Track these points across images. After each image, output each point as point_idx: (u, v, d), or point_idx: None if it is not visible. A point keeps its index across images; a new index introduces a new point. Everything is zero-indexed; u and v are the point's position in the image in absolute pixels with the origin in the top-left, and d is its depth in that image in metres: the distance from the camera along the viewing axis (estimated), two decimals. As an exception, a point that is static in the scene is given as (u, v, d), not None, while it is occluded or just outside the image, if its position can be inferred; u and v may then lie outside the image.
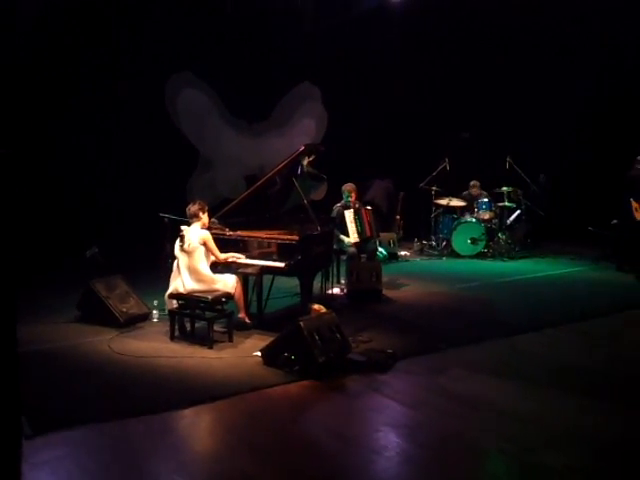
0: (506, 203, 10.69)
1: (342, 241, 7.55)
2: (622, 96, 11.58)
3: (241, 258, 5.91)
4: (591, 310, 6.75)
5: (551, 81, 12.49)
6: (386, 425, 3.95)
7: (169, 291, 5.69)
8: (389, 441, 3.71)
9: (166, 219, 6.65)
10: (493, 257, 10.30)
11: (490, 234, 10.51)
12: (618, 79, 11.75)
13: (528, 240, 10.79)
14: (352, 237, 7.63)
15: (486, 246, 10.40)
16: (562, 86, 12.39)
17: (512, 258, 10.23)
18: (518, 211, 10.79)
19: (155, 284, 6.56)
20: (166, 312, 5.89)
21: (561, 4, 11.55)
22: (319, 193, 11.45)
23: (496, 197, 10.80)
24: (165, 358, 5.13)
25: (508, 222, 10.82)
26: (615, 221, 9.52)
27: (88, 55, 9.42)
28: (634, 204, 9.06)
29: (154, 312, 6.27)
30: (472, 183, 10.98)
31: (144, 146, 9.76)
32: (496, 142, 11.86)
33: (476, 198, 10.76)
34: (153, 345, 5.48)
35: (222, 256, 5.75)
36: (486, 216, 10.49)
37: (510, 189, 10.69)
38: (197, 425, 4.02)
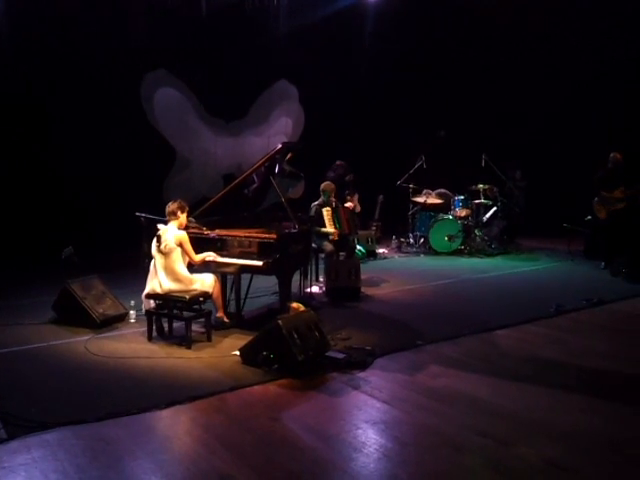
0: (482, 200, 10.81)
1: (322, 236, 7.56)
2: (596, 93, 11.76)
3: (217, 258, 5.89)
4: (566, 305, 6.83)
5: (526, 79, 12.66)
6: (365, 422, 3.97)
7: (146, 291, 5.65)
8: (368, 437, 3.73)
9: (143, 218, 6.59)
10: (470, 254, 10.40)
11: (467, 231, 10.61)
12: (591, 76, 11.92)
13: (504, 237, 10.92)
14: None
15: (463, 243, 10.50)
16: (537, 83, 12.56)
17: (488, 255, 10.34)
18: (494, 208, 10.91)
19: (132, 284, 6.52)
20: (143, 312, 5.84)
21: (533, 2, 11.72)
22: (297, 191, 11.45)
23: (472, 194, 10.91)
24: (143, 359, 5.10)
25: (484, 219, 10.94)
26: (589, 217, 9.68)
27: (63, 53, 9.31)
28: (596, 206, 9.23)
29: (131, 313, 6.23)
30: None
31: (120, 145, 9.68)
32: (472, 140, 11.98)
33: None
34: (130, 346, 5.44)
35: (197, 258, 5.72)
36: (463, 213, 10.59)
37: (486, 186, 10.80)
38: (175, 425, 4.00)
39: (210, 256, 5.84)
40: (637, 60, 11.19)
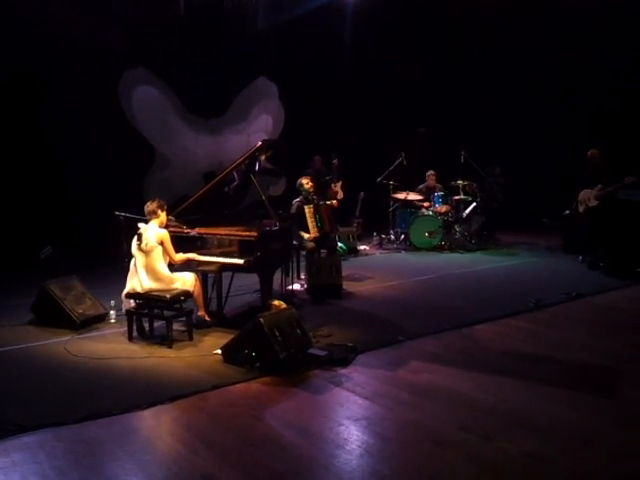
0: (462, 196, 10.89)
1: (302, 237, 7.58)
2: (574, 87, 11.90)
3: (197, 258, 5.86)
4: (545, 299, 6.90)
5: (504, 75, 12.76)
6: (347, 418, 3.98)
7: (126, 290, 5.61)
8: (350, 434, 3.75)
9: (122, 218, 6.55)
10: (450, 249, 10.47)
11: (447, 227, 10.68)
12: (570, 70, 12.05)
13: (483, 232, 11.00)
14: (312, 232, 7.66)
15: (443, 239, 10.56)
16: (515, 80, 12.67)
17: (468, 250, 10.42)
18: (473, 204, 10.99)
19: (112, 284, 6.48)
20: (124, 312, 5.81)
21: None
22: (278, 189, 11.45)
23: (452, 190, 10.99)
24: (123, 359, 5.06)
25: (464, 215, 11.02)
26: (567, 212, 9.80)
27: (41, 52, 9.20)
28: (583, 194, 9.33)
29: (111, 313, 6.18)
30: (429, 173, 11.09)
31: (98, 144, 9.59)
32: (451, 136, 12.06)
33: (432, 189, 10.90)
34: (111, 346, 5.40)
35: (178, 257, 5.69)
36: (442, 209, 10.66)
37: (465, 182, 10.89)
38: (157, 426, 3.98)
39: (189, 256, 5.81)
40: (616, 55, 11.32)
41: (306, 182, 7.93)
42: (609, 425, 3.88)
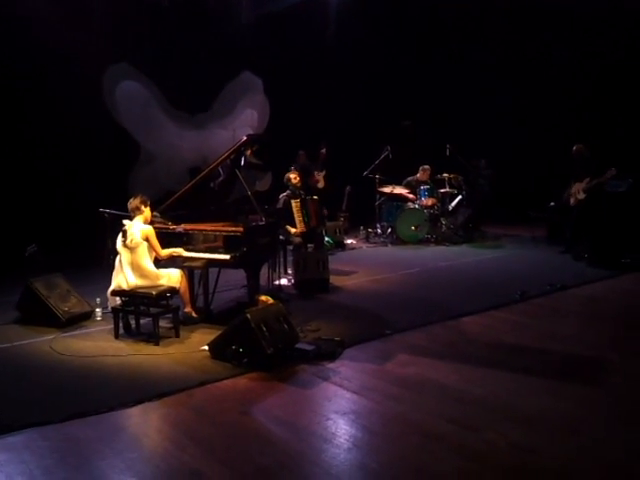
0: (448, 189, 10.93)
1: (289, 232, 7.57)
2: (558, 79, 11.96)
3: (183, 253, 5.83)
4: (530, 291, 6.95)
5: (490, 68, 12.79)
6: (335, 412, 3.99)
7: (112, 288, 5.57)
8: (338, 428, 3.76)
9: (106, 214, 6.49)
10: (436, 242, 10.51)
11: (433, 220, 10.71)
12: (556, 65, 12.11)
13: (469, 225, 11.04)
14: (298, 227, 7.66)
15: (429, 232, 10.60)
16: (500, 73, 12.71)
17: (454, 243, 10.46)
18: (459, 197, 11.03)
19: (97, 281, 6.43)
20: (109, 310, 5.77)
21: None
22: (264, 184, 11.41)
23: (438, 183, 11.02)
24: (110, 357, 5.04)
25: (450, 208, 11.06)
26: (552, 204, 9.86)
27: (24, 47, 9.09)
28: (575, 187, 9.39)
29: (97, 310, 6.14)
30: (425, 167, 10.98)
31: (83, 140, 9.51)
32: (436, 130, 12.09)
33: (423, 183, 10.90)
34: (97, 344, 5.37)
35: (164, 252, 5.66)
36: (429, 202, 10.69)
37: (451, 175, 10.93)
38: (144, 423, 3.97)
39: (176, 252, 5.78)
40: (601, 47, 11.39)
41: (294, 177, 7.92)
42: (595, 415, 3.92)
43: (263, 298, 5.61)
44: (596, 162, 9.25)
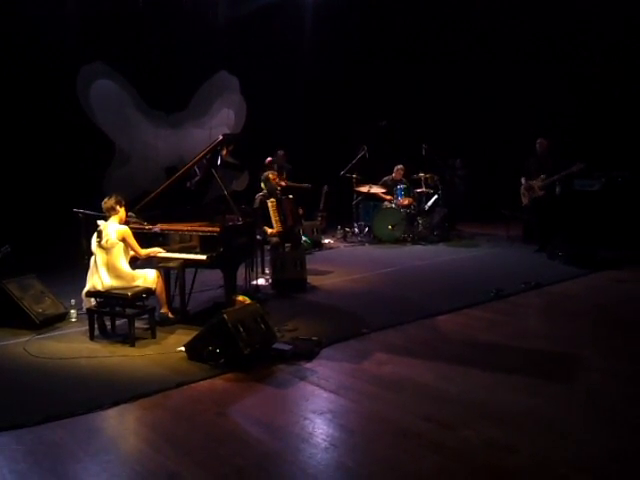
0: (424, 188, 11.01)
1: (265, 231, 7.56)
2: (531, 81, 12.11)
3: (162, 252, 5.79)
4: (505, 289, 7.02)
5: (463, 69, 12.90)
6: (312, 412, 4.00)
7: (86, 289, 5.51)
8: (315, 428, 3.77)
9: (81, 214, 6.41)
10: (413, 242, 10.58)
11: (409, 219, 10.78)
12: (528, 63, 12.25)
13: (445, 224, 11.14)
14: (275, 226, 7.65)
15: (406, 231, 10.66)
16: (474, 73, 12.82)
17: (431, 242, 10.54)
18: (435, 196, 11.12)
19: (71, 282, 6.36)
20: (84, 311, 5.71)
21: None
22: (241, 183, 11.38)
23: (414, 183, 11.09)
24: (85, 358, 4.98)
25: (426, 207, 11.13)
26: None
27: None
28: (522, 191, 9.53)
29: (72, 311, 6.07)
30: (398, 167, 11.09)
31: (57, 139, 9.38)
32: (412, 129, 12.15)
33: (398, 182, 10.97)
34: (72, 346, 5.31)
35: (143, 252, 5.62)
36: (405, 202, 10.75)
37: (427, 175, 11.01)
38: (120, 425, 3.93)
39: (155, 251, 5.73)
40: (569, 46, 11.55)
41: (272, 177, 7.91)
42: (570, 411, 3.98)
43: (240, 298, 5.60)
44: (554, 159, 9.37)
